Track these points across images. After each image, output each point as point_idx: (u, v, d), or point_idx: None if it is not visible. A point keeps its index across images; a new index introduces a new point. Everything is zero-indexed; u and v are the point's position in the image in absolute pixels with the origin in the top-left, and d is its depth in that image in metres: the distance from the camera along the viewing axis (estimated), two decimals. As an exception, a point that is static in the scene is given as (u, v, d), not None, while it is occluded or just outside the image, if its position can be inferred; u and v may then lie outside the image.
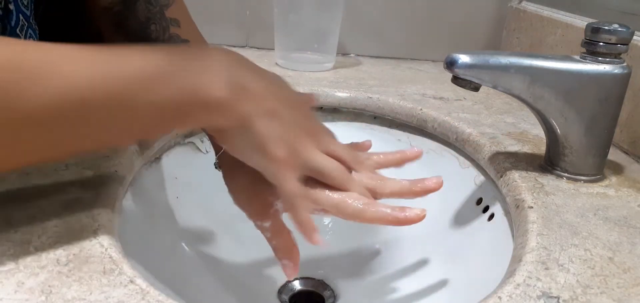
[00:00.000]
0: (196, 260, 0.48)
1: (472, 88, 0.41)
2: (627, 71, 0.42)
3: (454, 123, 0.57)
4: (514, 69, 0.41)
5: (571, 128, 0.44)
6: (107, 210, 0.36)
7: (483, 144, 0.52)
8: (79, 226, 0.33)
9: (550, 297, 0.30)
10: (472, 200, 0.51)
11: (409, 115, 0.61)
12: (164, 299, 0.28)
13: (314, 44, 0.77)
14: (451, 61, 0.41)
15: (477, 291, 0.34)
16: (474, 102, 0.65)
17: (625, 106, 0.46)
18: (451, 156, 0.57)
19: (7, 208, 0.35)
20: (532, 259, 0.33)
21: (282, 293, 0.51)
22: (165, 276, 0.42)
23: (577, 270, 0.32)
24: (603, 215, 0.39)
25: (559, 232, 0.36)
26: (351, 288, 0.52)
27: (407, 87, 0.70)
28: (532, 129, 0.57)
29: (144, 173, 0.47)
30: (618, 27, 0.41)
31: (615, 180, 0.46)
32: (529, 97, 0.43)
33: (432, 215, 0.55)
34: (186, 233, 0.49)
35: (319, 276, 0.54)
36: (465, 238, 0.49)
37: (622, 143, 0.54)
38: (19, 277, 0.28)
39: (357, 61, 0.86)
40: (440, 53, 0.63)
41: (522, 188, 0.43)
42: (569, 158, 0.45)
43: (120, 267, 0.30)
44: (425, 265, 0.50)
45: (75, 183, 0.38)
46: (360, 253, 0.56)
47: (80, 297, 0.27)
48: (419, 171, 0.59)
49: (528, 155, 0.49)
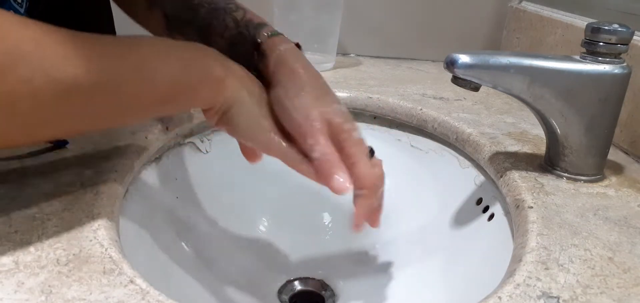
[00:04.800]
0: (196, 260, 0.48)
1: (472, 88, 0.41)
2: (627, 71, 0.42)
3: (454, 123, 0.57)
4: (514, 69, 0.41)
5: (571, 128, 0.44)
6: (107, 210, 0.36)
7: (483, 144, 0.52)
8: (79, 226, 0.33)
9: (550, 297, 0.30)
10: (472, 200, 0.51)
11: (409, 115, 0.61)
12: (164, 299, 0.28)
13: (314, 44, 0.77)
14: (451, 61, 0.41)
15: (477, 291, 0.34)
16: (474, 102, 0.65)
17: (625, 106, 0.46)
18: (451, 156, 0.57)
19: (7, 208, 0.35)
20: (532, 259, 0.33)
21: (282, 293, 0.51)
22: (165, 276, 0.42)
23: (577, 270, 0.32)
24: (603, 215, 0.39)
25: (559, 232, 0.36)
26: (351, 288, 0.52)
27: (407, 87, 0.70)
28: (532, 129, 0.57)
29: (144, 173, 0.47)
30: (618, 27, 0.41)
31: (615, 180, 0.46)
32: (529, 97, 0.43)
33: (432, 214, 0.55)
34: (186, 233, 0.49)
35: (319, 276, 0.54)
36: (465, 238, 0.49)
37: (622, 143, 0.54)
38: (19, 277, 0.28)
39: (357, 61, 0.86)
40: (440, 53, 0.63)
41: (522, 188, 0.43)
42: (569, 158, 0.45)
43: (120, 267, 0.30)
44: (425, 265, 0.50)
45: (75, 183, 0.38)
46: (360, 253, 0.56)
47: (80, 297, 0.27)
48: (419, 171, 0.59)
49: (528, 155, 0.49)
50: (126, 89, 0.32)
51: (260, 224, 0.58)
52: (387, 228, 0.57)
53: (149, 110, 0.36)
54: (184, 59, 0.35)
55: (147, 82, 0.33)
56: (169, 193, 0.50)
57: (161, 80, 0.33)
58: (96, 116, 0.32)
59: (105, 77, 0.30)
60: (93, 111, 0.31)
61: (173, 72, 0.34)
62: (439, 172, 0.58)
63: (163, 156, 0.51)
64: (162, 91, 0.34)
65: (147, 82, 0.33)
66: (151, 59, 0.33)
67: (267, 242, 0.57)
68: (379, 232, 0.56)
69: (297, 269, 0.54)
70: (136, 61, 0.32)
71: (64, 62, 0.28)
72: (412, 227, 0.56)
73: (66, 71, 0.28)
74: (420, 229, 0.55)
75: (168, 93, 0.34)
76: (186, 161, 0.55)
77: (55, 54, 0.27)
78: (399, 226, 0.56)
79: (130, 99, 0.32)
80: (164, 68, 0.34)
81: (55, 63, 0.27)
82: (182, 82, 0.34)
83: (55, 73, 0.27)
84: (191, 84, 0.35)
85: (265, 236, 0.57)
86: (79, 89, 0.29)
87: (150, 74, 0.33)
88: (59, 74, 0.28)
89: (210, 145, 0.57)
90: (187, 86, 0.35)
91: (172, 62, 0.34)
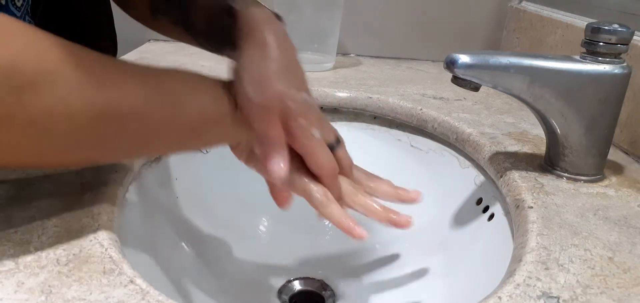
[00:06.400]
0: (196, 260, 0.48)
1: (472, 88, 0.41)
2: (627, 71, 0.42)
3: (454, 123, 0.57)
4: (514, 69, 0.41)
5: (571, 128, 0.44)
6: (107, 210, 0.36)
7: (483, 144, 0.52)
8: (79, 226, 0.33)
9: (550, 297, 0.30)
10: (472, 200, 0.51)
11: (409, 115, 0.61)
12: (164, 299, 0.28)
13: (314, 44, 0.77)
14: (451, 61, 0.40)
15: (477, 291, 0.34)
16: (474, 102, 0.65)
17: (625, 106, 0.46)
18: (451, 156, 0.57)
19: (7, 208, 0.35)
20: (532, 259, 0.33)
21: (282, 293, 0.51)
22: (165, 276, 0.42)
23: (577, 270, 0.32)
24: (603, 215, 0.39)
25: (559, 232, 0.36)
26: (351, 288, 0.52)
27: (407, 87, 0.70)
28: (532, 129, 0.57)
29: (144, 173, 0.47)
30: (618, 27, 0.41)
31: (615, 180, 0.46)
32: (529, 97, 0.43)
33: (432, 214, 0.55)
34: (186, 233, 0.49)
35: (319, 276, 0.54)
36: (465, 238, 0.49)
37: (622, 143, 0.53)
38: (19, 277, 0.28)
39: (357, 61, 0.86)
40: (440, 53, 0.63)
41: (522, 188, 0.43)
42: (569, 158, 0.45)
43: (120, 267, 0.30)
44: (425, 265, 0.50)
45: (75, 183, 0.38)
46: (360, 253, 0.56)
47: (80, 297, 0.27)
48: (419, 171, 0.59)
49: (528, 155, 0.49)
50: (158, 118, 0.32)
51: (260, 224, 0.58)
52: (387, 228, 0.57)
53: (178, 142, 0.35)
54: (215, 93, 0.35)
55: (178, 111, 0.32)
56: (169, 193, 0.50)
57: (191, 111, 0.33)
58: (128, 143, 0.32)
59: (138, 103, 0.30)
60: (124, 138, 0.31)
61: (203, 104, 0.34)
62: (439, 172, 0.58)
63: (163, 156, 0.51)
64: (192, 122, 0.33)
65: (178, 111, 0.32)
66: (183, 89, 0.33)
67: (267, 242, 0.57)
68: (379, 232, 0.57)
69: (297, 269, 0.54)
70: (168, 90, 0.32)
71: (101, 87, 0.28)
72: (412, 227, 0.55)
73: (101, 95, 0.28)
74: (420, 229, 0.55)
75: (197, 125, 0.34)
76: (186, 161, 0.55)
77: (93, 78, 0.28)
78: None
79: (160, 128, 0.32)
80: (195, 99, 0.33)
81: (92, 87, 0.28)
82: (212, 115, 0.34)
83: (91, 97, 0.28)
84: (220, 118, 0.35)
85: (265, 236, 0.57)
86: (113, 114, 0.29)
87: (182, 104, 0.33)
88: (95, 98, 0.28)
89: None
90: (216, 119, 0.35)
91: (203, 95, 0.34)
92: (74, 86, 0.27)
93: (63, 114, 0.27)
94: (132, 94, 0.30)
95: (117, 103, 0.29)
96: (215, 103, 0.34)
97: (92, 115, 0.28)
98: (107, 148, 0.31)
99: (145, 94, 0.31)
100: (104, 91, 0.28)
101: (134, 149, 0.33)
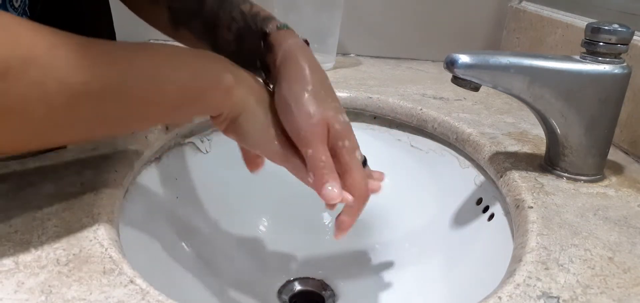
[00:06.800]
0: (196, 260, 0.48)
1: (472, 88, 0.41)
2: (627, 71, 0.42)
3: (454, 123, 0.57)
4: (514, 69, 0.41)
5: (571, 128, 0.44)
6: (107, 210, 0.36)
7: (483, 144, 0.52)
8: (79, 226, 0.33)
9: (550, 297, 0.30)
10: (472, 200, 0.51)
11: (409, 115, 0.61)
12: (164, 299, 0.28)
13: (314, 44, 0.77)
14: (451, 61, 0.41)
15: (477, 291, 0.34)
16: (474, 102, 0.65)
17: (625, 106, 0.46)
18: (451, 156, 0.57)
19: (7, 208, 0.35)
20: (532, 259, 0.33)
21: (282, 293, 0.51)
22: (165, 276, 0.42)
23: (577, 270, 0.32)
24: (603, 215, 0.39)
25: (559, 232, 0.36)
26: (351, 288, 0.52)
27: (407, 87, 0.70)
28: (532, 129, 0.57)
29: (144, 173, 0.47)
30: (618, 27, 0.41)
31: (615, 180, 0.46)
32: (529, 97, 0.43)
33: (432, 214, 0.55)
34: (186, 233, 0.49)
35: (319, 276, 0.54)
36: (465, 238, 0.49)
37: (622, 143, 0.54)
38: (19, 277, 0.28)
39: (357, 61, 0.86)
40: (440, 53, 0.63)
41: (522, 188, 0.43)
42: (569, 158, 0.45)
43: (120, 267, 0.30)
44: (425, 265, 0.50)
45: (75, 183, 0.38)
46: (360, 253, 0.56)
47: (80, 297, 0.27)
48: (419, 171, 0.59)
49: (528, 155, 0.49)
50: (136, 95, 0.32)
51: (260, 224, 0.58)
52: (387, 228, 0.57)
53: (158, 116, 0.36)
54: (193, 65, 0.35)
55: (156, 88, 0.33)
56: (169, 193, 0.50)
57: (171, 86, 0.33)
58: (106, 122, 0.32)
59: (115, 82, 0.30)
60: (103, 116, 0.31)
61: (182, 79, 0.34)
62: (439, 172, 0.58)
63: (163, 156, 0.51)
64: (171, 97, 0.34)
65: (156, 88, 0.33)
66: (161, 65, 0.33)
67: (267, 242, 0.57)
68: (379, 232, 0.57)
69: (297, 269, 0.54)
70: (146, 67, 0.32)
71: (75, 67, 0.28)
72: (412, 227, 0.56)
73: (77, 76, 0.28)
74: (420, 229, 0.55)
75: (177, 99, 0.34)
76: (186, 161, 0.55)
77: (66, 59, 0.28)
78: (399, 226, 0.56)
79: (140, 105, 0.32)
80: (174, 74, 0.34)
81: (67, 68, 0.28)
82: (192, 88, 0.34)
83: (66, 78, 0.27)
84: (200, 90, 0.35)
85: (265, 236, 0.57)
86: (90, 94, 0.29)
87: (160, 80, 0.33)
88: (70, 78, 0.28)
89: (210, 145, 0.57)
90: (196, 92, 0.35)
91: (182, 69, 0.34)
92: (49, 68, 0.27)
93: (39, 98, 0.27)
94: (108, 73, 0.30)
95: (94, 83, 0.29)
96: (194, 78, 0.35)
97: (68, 96, 0.28)
98: (87, 127, 0.31)
99: (122, 72, 0.31)
100: (80, 72, 0.28)
101: (114, 126, 0.33)
